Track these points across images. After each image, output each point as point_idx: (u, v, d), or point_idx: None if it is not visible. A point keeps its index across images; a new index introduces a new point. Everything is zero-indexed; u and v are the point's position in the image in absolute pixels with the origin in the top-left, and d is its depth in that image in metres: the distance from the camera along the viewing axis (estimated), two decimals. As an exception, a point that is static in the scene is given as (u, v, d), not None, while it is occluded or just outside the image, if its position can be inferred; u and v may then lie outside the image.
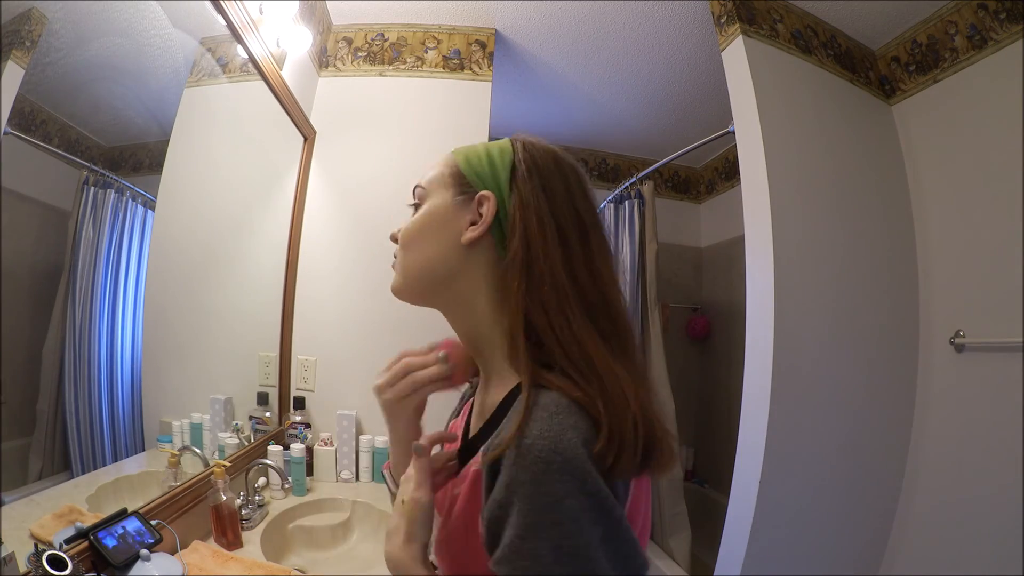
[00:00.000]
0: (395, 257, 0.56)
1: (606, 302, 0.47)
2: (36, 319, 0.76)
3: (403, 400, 0.53)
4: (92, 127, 0.82)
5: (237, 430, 1.36)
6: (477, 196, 0.50)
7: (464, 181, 0.52)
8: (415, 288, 0.54)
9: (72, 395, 0.80)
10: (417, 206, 0.55)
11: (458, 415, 0.63)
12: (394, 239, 0.57)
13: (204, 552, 1.00)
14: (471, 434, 0.55)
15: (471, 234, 0.49)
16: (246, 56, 1.26)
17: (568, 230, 0.48)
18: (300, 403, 1.63)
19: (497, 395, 0.49)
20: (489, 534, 0.39)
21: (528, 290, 0.45)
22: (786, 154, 1.49)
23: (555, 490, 0.36)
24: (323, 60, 1.84)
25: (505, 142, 0.54)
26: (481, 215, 0.50)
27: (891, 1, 1.58)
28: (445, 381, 0.53)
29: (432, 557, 0.48)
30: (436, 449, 0.52)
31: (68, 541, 0.73)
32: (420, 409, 0.57)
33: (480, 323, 0.51)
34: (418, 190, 0.55)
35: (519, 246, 0.46)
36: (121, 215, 0.89)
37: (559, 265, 0.46)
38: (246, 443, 1.40)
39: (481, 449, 0.44)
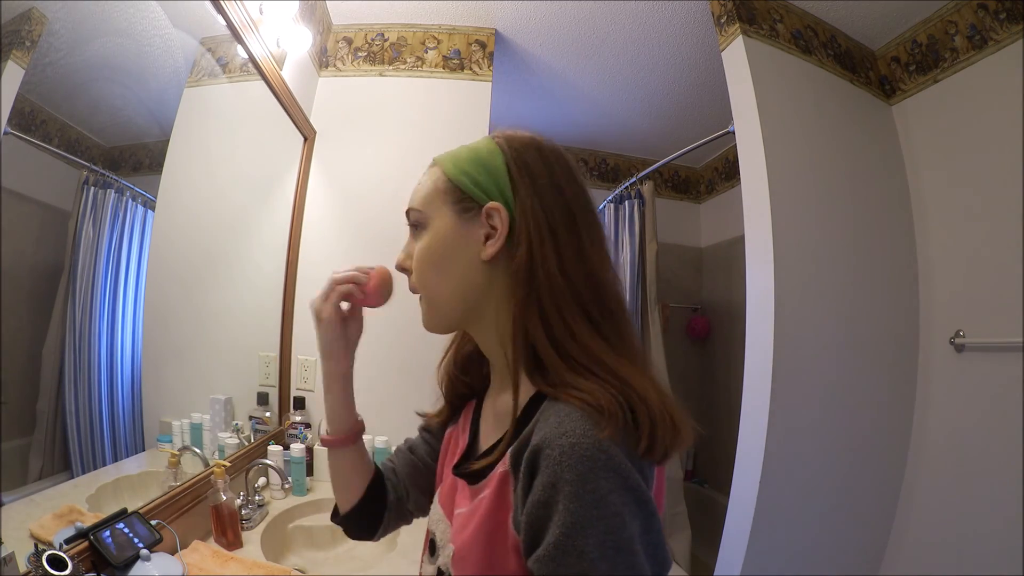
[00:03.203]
0: (417, 295, 0.54)
1: (600, 296, 0.48)
2: (36, 319, 0.76)
3: (327, 303, 0.57)
4: (92, 127, 0.82)
5: (237, 430, 1.36)
6: (485, 209, 0.49)
7: (463, 195, 0.50)
8: (451, 317, 0.53)
9: (72, 395, 0.80)
10: (415, 226, 0.53)
11: (456, 422, 0.62)
12: (401, 268, 0.55)
13: (204, 552, 1.00)
14: (482, 440, 0.55)
15: (492, 249, 0.48)
16: (246, 56, 1.26)
17: (558, 227, 0.48)
18: (300, 403, 1.62)
19: (517, 401, 0.48)
20: (529, 536, 0.39)
21: (539, 297, 0.46)
22: (786, 154, 1.49)
23: (600, 487, 0.37)
24: (323, 60, 1.84)
25: (489, 143, 0.52)
26: (493, 227, 0.49)
27: (891, 1, 1.58)
28: (359, 288, 0.57)
29: (450, 570, 0.48)
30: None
31: (68, 541, 0.73)
32: (347, 326, 0.60)
33: (502, 332, 0.49)
34: (413, 213, 0.53)
35: (524, 254, 0.46)
36: (121, 215, 0.89)
37: (554, 268, 0.46)
38: (246, 443, 1.40)
39: (510, 451, 0.44)
